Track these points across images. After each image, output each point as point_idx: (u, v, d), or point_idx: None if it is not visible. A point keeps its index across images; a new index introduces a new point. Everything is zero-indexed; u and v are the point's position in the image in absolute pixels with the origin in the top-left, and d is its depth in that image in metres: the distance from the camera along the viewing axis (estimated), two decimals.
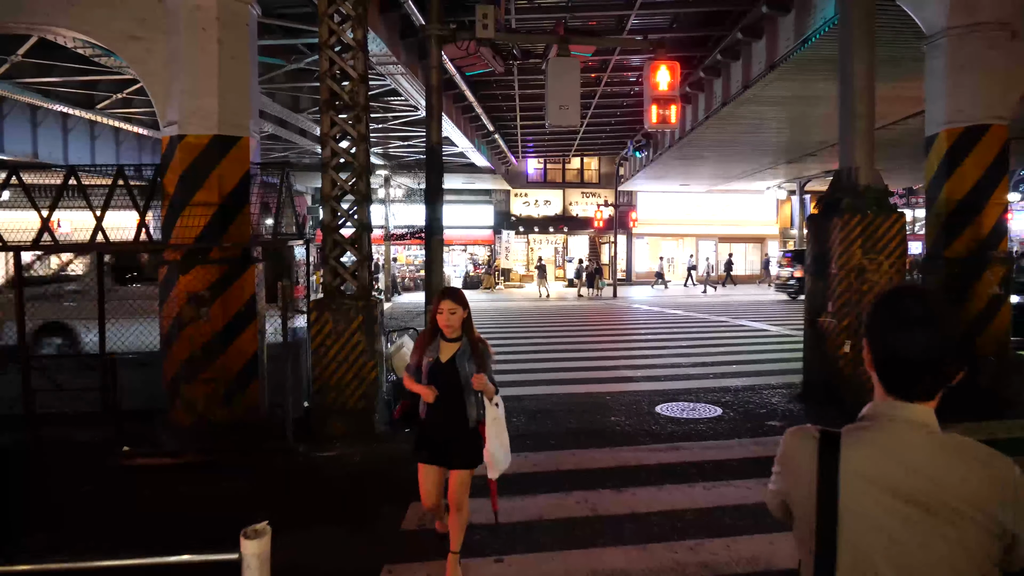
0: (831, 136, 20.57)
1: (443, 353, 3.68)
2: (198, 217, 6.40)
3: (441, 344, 3.70)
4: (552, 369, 10.55)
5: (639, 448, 6.31)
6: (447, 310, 3.62)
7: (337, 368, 6.60)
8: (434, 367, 3.67)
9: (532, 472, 5.68)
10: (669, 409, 7.76)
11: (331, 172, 6.69)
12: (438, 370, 3.66)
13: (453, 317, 3.62)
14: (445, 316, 3.62)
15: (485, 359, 3.69)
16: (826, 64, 12.90)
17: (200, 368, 6.43)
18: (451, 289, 3.73)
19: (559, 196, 36.66)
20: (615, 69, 18.64)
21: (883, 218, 7.41)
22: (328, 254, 6.73)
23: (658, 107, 7.27)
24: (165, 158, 6.57)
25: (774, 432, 6.79)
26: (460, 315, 3.64)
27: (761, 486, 5.46)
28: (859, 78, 7.48)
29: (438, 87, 6.93)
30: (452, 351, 3.68)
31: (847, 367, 7.45)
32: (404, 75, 14.12)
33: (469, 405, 3.70)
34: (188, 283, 6.38)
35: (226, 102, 6.47)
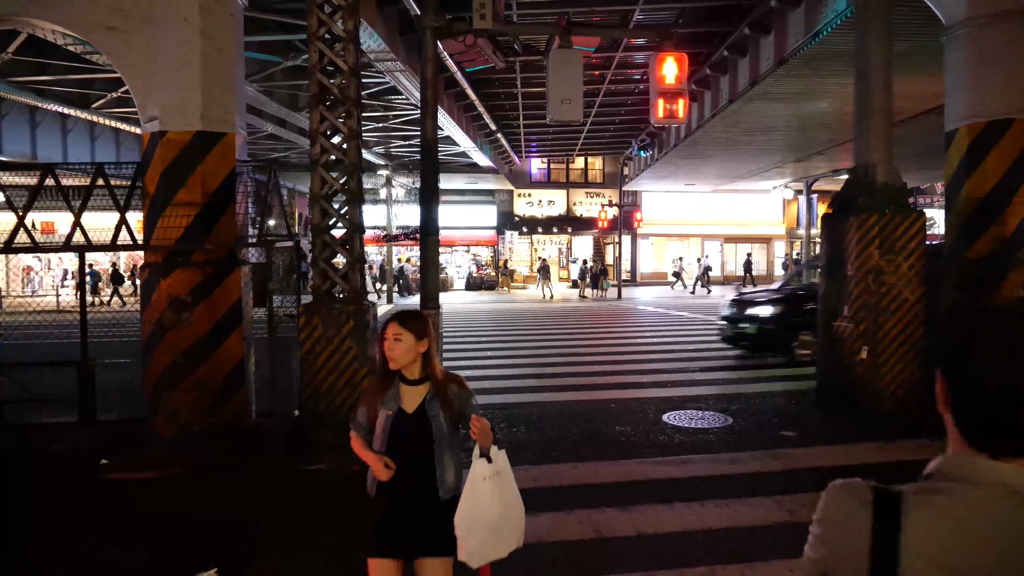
0: (840, 134, 20.26)
1: (407, 401, 2.66)
2: (180, 217, 6.10)
3: (403, 389, 2.67)
4: (554, 374, 10.21)
5: (645, 461, 5.96)
6: (390, 336, 2.60)
7: (328, 375, 6.27)
8: (396, 421, 2.63)
9: (532, 487, 5.33)
10: (677, 418, 7.41)
11: (320, 170, 6.36)
12: (403, 426, 2.63)
13: (397, 345, 2.60)
14: (388, 344, 2.61)
15: (465, 401, 2.71)
16: (836, 59, 12.56)
17: (183, 376, 6.12)
18: (403, 313, 2.73)
19: (563, 196, 36.31)
20: (619, 66, 18.29)
21: (901, 217, 7.05)
22: (318, 256, 6.40)
23: (665, 101, 6.92)
24: (146, 155, 6.26)
25: (788, 443, 6.43)
26: (408, 344, 2.61)
27: (777, 505, 5.12)
28: (876, 71, 7.12)
29: (433, 81, 6.59)
30: (419, 397, 2.67)
31: (864, 374, 7.09)
32: (403, 72, 13.81)
33: (444, 468, 2.63)
34: (170, 286, 6.07)
35: (210, 96, 6.16)
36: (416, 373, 2.67)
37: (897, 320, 7.03)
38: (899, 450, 6.14)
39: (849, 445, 6.32)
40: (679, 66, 6.90)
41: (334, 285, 6.51)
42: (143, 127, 6.29)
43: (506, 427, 7.11)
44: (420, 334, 2.64)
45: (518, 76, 18.46)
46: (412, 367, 2.66)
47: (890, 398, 7.02)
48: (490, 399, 8.44)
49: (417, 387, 2.68)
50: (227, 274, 6.25)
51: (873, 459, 5.91)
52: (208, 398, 6.16)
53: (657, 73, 6.87)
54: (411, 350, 2.61)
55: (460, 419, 2.69)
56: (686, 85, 6.93)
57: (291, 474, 5.72)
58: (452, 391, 2.69)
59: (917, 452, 6.08)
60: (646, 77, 19.90)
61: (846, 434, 6.65)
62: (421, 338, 2.64)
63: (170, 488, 5.43)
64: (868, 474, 4.10)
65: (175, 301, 6.05)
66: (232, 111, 6.32)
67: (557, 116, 6.74)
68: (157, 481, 5.58)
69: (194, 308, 6.09)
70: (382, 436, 2.64)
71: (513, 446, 6.44)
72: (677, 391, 8.90)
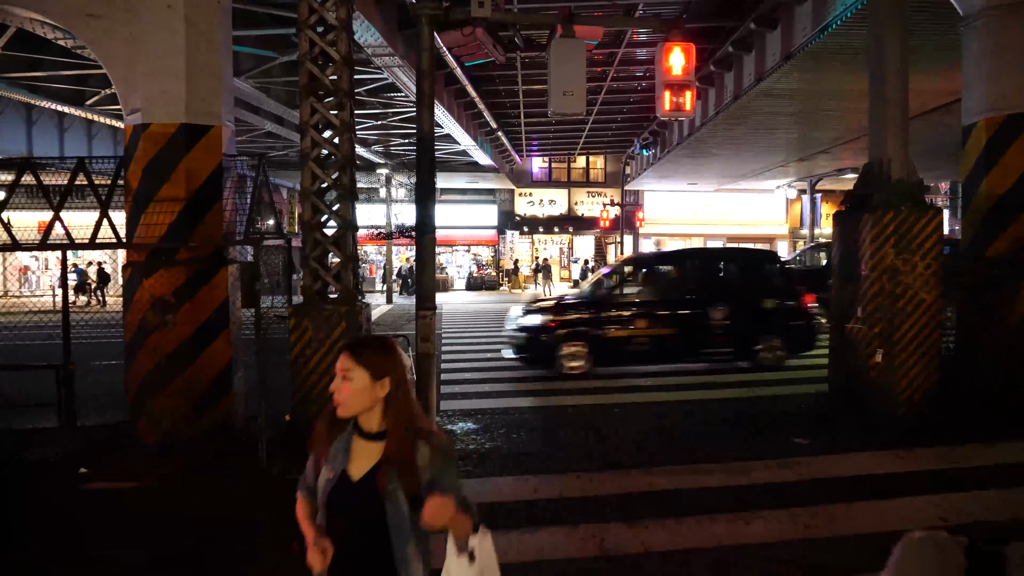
0: (845, 132, 19.94)
1: (356, 462, 1.85)
2: (164, 214, 5.82)
3: (355, 444, 1.87)
4: (554, 376, 9.91)
5: (652, 471, 5.67)
6: (340, 371, 1.84)
7: (319, 379, 5.99)
8: (337, 491, 1.84)
9: (532, 499, 5.05)
10: (685, 423, 7.12)
11: (311, 164, 6.08)
12: (346, 499, 1.84)
13: (345, 385, 1.82)
14: (336, 382, 1.85)
15: (441, 473, 1.83)
16: (844, 53, 12.26)
17: (166, 380, 5.84)
18: (360, 341, 2.00)
19: (564, 196, 36.02)
20: (622, 63, 17.99)
21: (918, 215, 6.76)
22: (309, 254, 6.12)
23: (671, 93, 6.63)
24: (128, 149, 5.98)
25: (801, 451, 6.13)
26: (361, 384, 1.81)
27: (792, 520, 4.84)
28: (891, 62, 6.82)
29: (429, 71, 6.31)
30: (372, 459, 1.83)
31: (879, 377, 6.80)
32: (402, 68, 13.51)
33: (404, 565, 1.81)
34: (152, 286, 5.79)
35: (195, 87, 5.87)
36: (374, 424, 1.85)
37: (913, 322, 6.74)
38: (918, 459, 5.85)
39: (864, 453, 6.02)
40: (686, 57, 6.60)
41: (326, 285, 6.23)
42: (125, 119, 6.01)
43: (505, 432, 6.83)
44: (378, 371, 1.82)
45: (519, 73, 18.17)
46: (368, 415, 1.85)
47: (906, 403, 6.73)
48: (489, 403, 8.16)
49: (373, 444, 1.84)
50: (213, 273, 5.97)
51: (891, 469, 5.62)
52: (193, 403, 5.88)
53: (663, 64, 6.57)
54: (364, 392, 1.81)
55: (434, 490, 1.75)
56: (693, 77, 6.64)
57: (279, 484, 5.42)
58: (422, 456, 1.80)
59: (937, 460, 5.80)
60: (649, 74, 19.62)
61: (861, 441, 6.35)
62: (380, 376, 1.82)
63: (149, 499, 5.14)
64: (886, 485, 3.79)
65: (158, 302, 5.77)
66: (218, 103, 6.04)
67: (559, 109, 6.45)
68: (137, 491, 5.30)
69: (178, 309, 5.81)
70: (323, 508, 1.87)
71: (513, 453, 6.16)
72: (683, 394, 8.61)
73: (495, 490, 5.25)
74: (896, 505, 4.84)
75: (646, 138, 24.99)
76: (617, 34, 15.96)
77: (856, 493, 5.08)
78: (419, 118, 6.30)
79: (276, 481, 5.46)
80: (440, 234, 25.86)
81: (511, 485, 5.36)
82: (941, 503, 4.85)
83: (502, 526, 4.51)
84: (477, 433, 6.83)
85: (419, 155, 6.28)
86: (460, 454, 6.14)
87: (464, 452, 6.19)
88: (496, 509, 4.85)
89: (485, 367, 10.80)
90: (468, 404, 8.14)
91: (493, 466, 5.82)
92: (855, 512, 4.73)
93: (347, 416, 1.86)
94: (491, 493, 5.17)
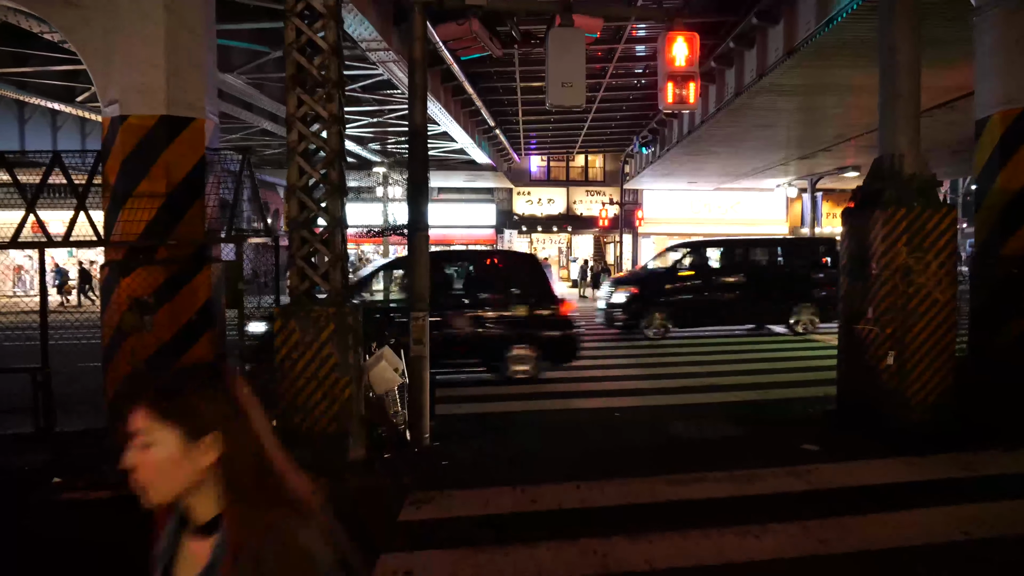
0: (848, 129, 19.69)
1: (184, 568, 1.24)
2: (143, 210, 5.54)
3: (183, 541, 1.27)
4: (553, 379, 9.65)
5: (655, 480, 5.40)
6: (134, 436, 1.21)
7: (305, 385, 5.70)
8: None
9: (530, 511, 4.78)
10: (686, 428, 6.85)
11: (298, 159, 5.80)
12: None
13: (143, 457, 1.19)
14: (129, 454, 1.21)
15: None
16: (849, 48, 12.01)
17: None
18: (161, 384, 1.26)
19: (563, 194, 35.77)
20: (621, 60, 17.73)
21: (932, 211, 6.48)
22: (295, 253, 5.84)
23: (674, 85, 6.36)
24: (106, 142, 5.70)
25: (810, 459, 5.87)
26: (167, 452, 1.18)
27: (805, 533, 4.57)
28: (903, 52, 6.54)
29: (422, 61, 6.03)
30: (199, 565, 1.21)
31: (891, 381, 6.53)
32: (397, 63, 13.22)
33: None
34: (130, 286, 5.51)
35: (176, 77, 5.60)
36: (205, 510, 1.22)
37: (927, 323, 6.46)
38: (935, 466, 5.59)
39: (877, 461, 5.77)
40: (690, 47, 6.34)
41: (314, 285, 5.96)
42: (103, 111, 5.73)
43: (502, 439, 6.57)
44: (196, 425, 1.19)
45: (517, 69, 17.91)
46: (196, 500, 1.22)
47: (919, 408, 6.45)
48: (484, 407, 7.89)
49: (202, 541, 1.21)
50: (195, 273, 5.69)
51: (906, 477, 5.36)
52: None
53: (666, 55, 6.30)
54: (174, 465, 1.18)
55: None
56: (697, 68, 6.37)
57: None
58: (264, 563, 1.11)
59: (955, 468, 5.54)
60: (649, 71, 19.37)
61: (872, 448, 6.09)
62: (199, 434, 1.18)
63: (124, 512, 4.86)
64: (901, 495, 3.50)
65: (136, 302, 5.49)
66: (201, 95, 5.76)
67: (557, 101, 6.18)
68: (112, 503, 5.01)
69: (157, 310, 5.53)
70: None
71: (510, 461, 5.89)
72: (684, 397, 8.35)
73: (491, 501, 4.98)
74: (914, 517, 4.58)
75: (645, 136, 24.72)
76: (616, 30, 15.72)
77: (871, 504, 4.82)
78: (411, 109, 6.03)
79: None
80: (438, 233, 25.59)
81: (508, 495, 5.09)
82: (962, 515, 4.59)
83: (498, 540, 4.25)
84: (473, 439, 6.56)
85: (411, 148, 6.01)
86: (455, 461, 5.88)
87: (458, 460, 5.92)
88: (492, 521, 4.59)
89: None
90: (465, 408, 7.87)
91: (488, 475, 5.55)
92: (871, 525, 4.46)
93: (157, 504, 1.21)
94: (486, 504, 4.90)
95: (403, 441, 6.19)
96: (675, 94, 6.39)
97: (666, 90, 6.35)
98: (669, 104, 6.31)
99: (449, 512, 4.78)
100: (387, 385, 6.27)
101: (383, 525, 4.57)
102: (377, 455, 5.94)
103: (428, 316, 6.19)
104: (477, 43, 10.15)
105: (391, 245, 26.70)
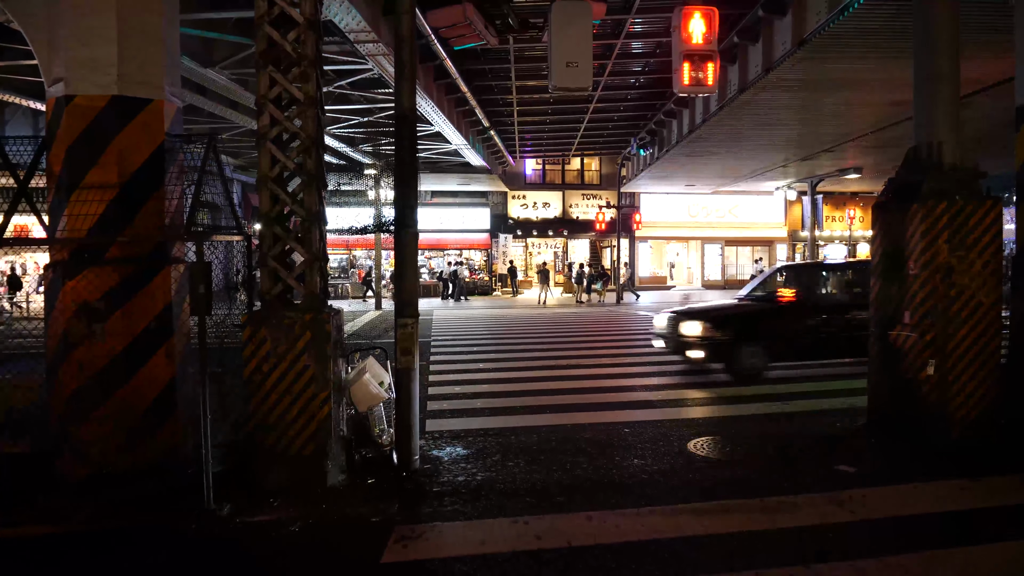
0: (852, 128, 19.11)
1: None
2: (91, 203, 4.85)
3: None
4: (555, 390, 8.97)
5: (677, 509, 4.72)
6: None
7: (278, 401, 5.02)
8: None
9: (536, 549, 4.10)
10: (705, 447, 6.19)
11: (270, 145, 5.14)
12: None
13: None
14: None
15: None
16: (861, 38, 11.45)
17: (95, 403, 4.86)
18: None
19: (558, 198, 35.17)
20: (619, 57, 17.13)
21: (975, 205, 5.87)
22: (267, 252, 5.16)
23: (691, 66, 5.72)
24: (50, 127, 5.01)
25: (848, 482, 5.21)
26: None
27: (857, 573, 3.92)
28: (943, 28, 5.95)
29: (410, 38, 5.38)
30: None
31: (932, 393, 5.90)
32: (387, 56, 12.58)
33: None
34: (77, 290, 4.82)
35: (129, 52, 4.92)
36: None
37: (970, 328, 5.85)
38: (993, 490, 4.94)
39: (926, 484, 5.11)
40: (707, 23, 5.73)
41: (288, 288, 5.28)
42: (47, 92, 5.05)
43: (501, 459, 5.88)
44: None
45: (512, 67, 17.29)
46: None
47: (962, 422, 5.83)
48: (483, 422, 7.21)
49: None
50: (153, 275, 5.01)
51: (962, 503, 4.71)
52: (128, 430, 4.91)
53: (683, 32, 5.69)
54: None
55: None
56: (716, 46, 5.74)
57: (228, 528, 4.46)
58: None
59: (1017, 492, 4.89)
60: (647, 68, 18.78)
61: (917, 468, 5.44)
62: None
63: (68, 549, 4.17)
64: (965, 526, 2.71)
65: (84, 308, 4.80)
66: (160, 72, 5.09)
67: (562, 83, 5.54)
68: (55, 539, 4.33)
69: (108, 317, 4.84)
70: None
71: (510, 487, 5.21)
72: (698, 411, 7.68)
73: (488, 536, 4.30)
74: (989, 555, 3.92)
75: (643, 138, 24.14)
76: (616, 24, 15.13)
77: (930, 537, 4.17)
78: (398, 92, 5.37)
79: (224, 525, 4.50)
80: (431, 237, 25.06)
81: (508, 530, 4.41)
82: None
83: None
84: (468, 460, 5.88)
85: (398, 133, 5.34)
86: (448, 488, 5.20)
87: (452, 485, 5.24)
88: (489, 563, 3.91)
89: (478, 379, 9.84)
90: (459, 424, 7.19)
91: (486, 504, 4.87)
92: (936, 566, 3.80)
93: None
94: (483, 541, 4.22)
95: (389, 464, 5.50)
96: (691, 76, 5.78)
97: (682, 71, 5.72)
98: (685, 86, 5.70)
99: (440, 551, 4.10)
100: (371, 401, 5.59)
101: (363, 571, 3.89)
102: (359, 480, 5.26)
103: (417, 323, 5.52)
104: (471, 30, 9.49)
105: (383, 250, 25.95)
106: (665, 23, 14.75)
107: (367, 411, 5.62)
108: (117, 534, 4.39)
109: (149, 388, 4.99)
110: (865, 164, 24.47)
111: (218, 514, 4.59)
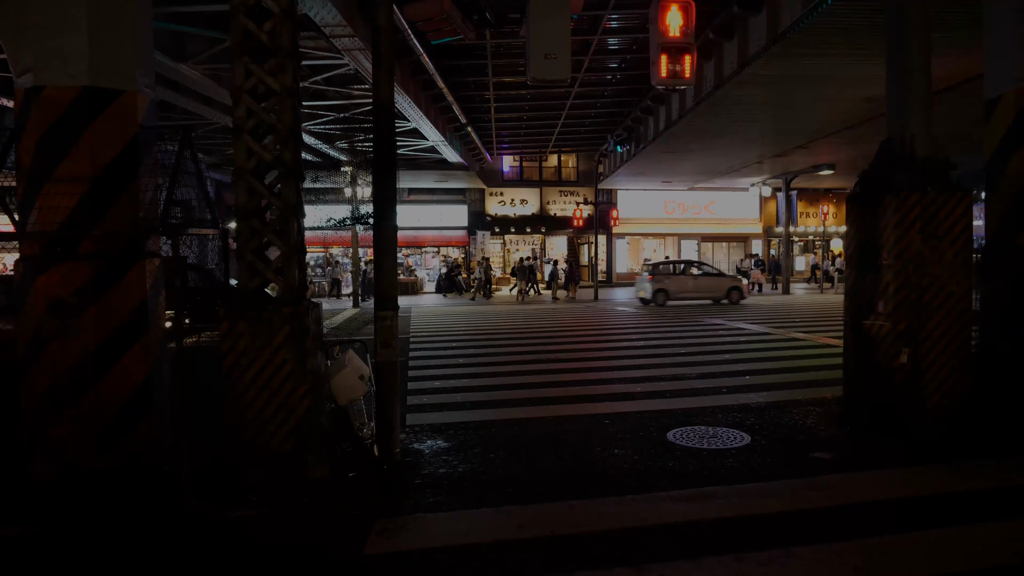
0: (824, 125, 19.39)
1: None
2: (63, 196, 4.75)
3: None
4: (535, 384, 8.99)
5: (657, 497, 4.76)
6: None
7: (256, 396, 4.97)
8: None
9: (518, 539, 4.11)
10: (685, 436, 6.24)
11: (246, 137, 5.08)
12: None
13: None
14: None
15: None
16: (834, 35, 11.63)
17: (67, 402, 4.76)
18: None
19: (536, 195, 35.22)
20: (597, 52, 17.21)
21: (946, 196, 5.99)
22: (244, 246, 5.10)
23: (668, 58, 5.76)
24: (20, 118, 4.89)
25: (825, 468, 5.30)
26: None
27: (840, 560, 3.97)
28: (915, 23, 6.05)
29: (387, 28, 5.34)
30: None
31: (905, 381, 6.00)
32: (363, 51, 12.51)
33: None
34: (48, 285, 4.71)
35: (101, 42, 4.82)
36: None
37: (942, 317, 5.96)
38: (966, 475, 5.04)
39: (902, 469, 5.21)
40: (684, 16, 5.77)
41: (266, 282, 5.22)
42: (16, 83, 4.92)
43: (482, 452, 5.88)
44: None
45: (489, 63, 17.30)
46: None
47: (935, 410, 5.95)
48: (464, 416, 7.20)
49: None
50: (127, 269, 4.91)
51: (937, 487, 4.80)
52: (102, 429, 4.81)
53: (660, 24, 5.72)
54: None
55: None
56: (694, 39, 5.78)
57: (206, 524, 4.41)
58: None
59: (988, 477, 5.00)
60: (624, 64, 18.87)
61: (892, 456, 5.54)
62: None
63: (39, 552, 4.09)
64: (938, 509, 2.78)
65: (55, 304, 4.70)
66: (132, 62, 4.99)
67: (540, 75, 5.53)
68: (25, 542, 4.24)
69: (82, 313, 4.74)
70: None
71: (493, 479, 5.21)
72: (676, 402, 7.74)
73: (470, 527, 4.30)
74: (960, 536, 4.00)
75: (620, 134, 24.26)
76: (592, 20, 15.18)
77: (905, 520, 4.24)
78: (377, 83, 5.34)
79: (204, 521, 4.45)
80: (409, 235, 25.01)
81: (490, 520, 4.42)
82: (1013, 532, 4.04)
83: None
84: (449, 453, 5.87)
85: (376, 125, 5.31)
86: (430, 480, 5.18)
87: (434, 478, 5.23)
88: (472, 552, 3.91)
89: (458, 374, 9.83)
90: (439, 417, 7.18)
91: (468, 495, 4.87)
92: (913, 547, 3.87)
93: None
94: (465, 532, 4.22)
95: (370, 457, 5.47)
96: (669, 68, 5.81)
97: (660, 63, 5.76)
98: (663, 79, 5.73)
99: (422, 543, 4.09)
100: (352, 394, 5.55)
101: (346, 561, 3.86)
102: (341, 474, 5.22)
103: (397, 316, 5.49)
104: (449, 24, 9.48)
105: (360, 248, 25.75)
106: (641, 19, 14.83)
107: (347, 404, 5.58)
108: (94, 533, 4.32)
109: (125, 385, 4.89)
110: (838, 161, 24.85)
111: (198, 511, 4.53)
